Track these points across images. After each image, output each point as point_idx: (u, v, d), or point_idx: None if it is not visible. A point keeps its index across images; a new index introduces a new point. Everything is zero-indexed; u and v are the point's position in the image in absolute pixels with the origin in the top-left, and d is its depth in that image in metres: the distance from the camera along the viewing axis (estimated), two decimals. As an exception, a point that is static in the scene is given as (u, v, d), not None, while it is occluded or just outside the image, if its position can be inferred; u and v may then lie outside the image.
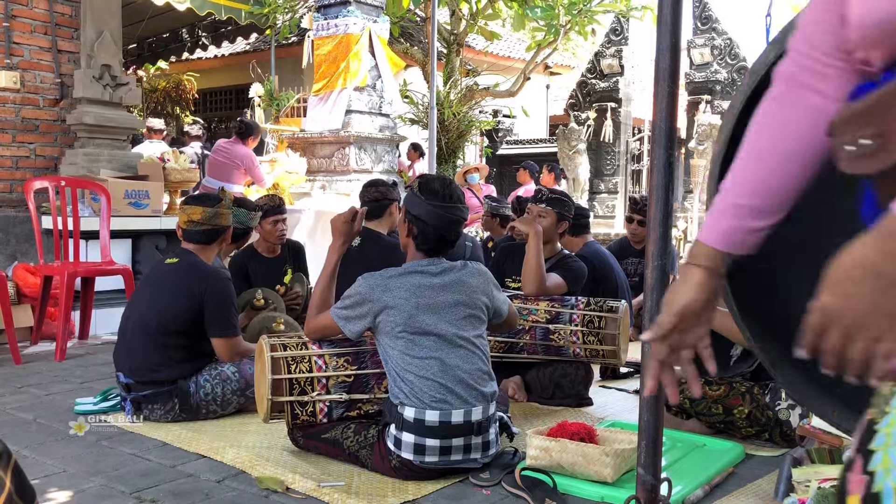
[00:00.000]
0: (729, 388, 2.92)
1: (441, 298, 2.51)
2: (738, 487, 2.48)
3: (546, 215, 3.71)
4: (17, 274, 4.85)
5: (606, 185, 11.94)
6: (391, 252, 3.84)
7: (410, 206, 2.59)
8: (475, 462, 2.49)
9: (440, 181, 2.63)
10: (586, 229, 4.71)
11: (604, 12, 11.38)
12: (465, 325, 2.53)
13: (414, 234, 2.59)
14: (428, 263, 2.58)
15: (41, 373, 4.00)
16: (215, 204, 3.34)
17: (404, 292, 2.48)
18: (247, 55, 14.18)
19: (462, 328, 2.51)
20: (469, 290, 2.56)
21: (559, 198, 3.78)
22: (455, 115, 10.93)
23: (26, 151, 5.67)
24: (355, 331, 2.55)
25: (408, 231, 2.61)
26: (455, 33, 11.80)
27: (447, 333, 2.47)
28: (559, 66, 17.18)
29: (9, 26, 5.47)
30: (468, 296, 2.55)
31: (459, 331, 2.50)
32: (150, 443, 2.86)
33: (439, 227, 2.56)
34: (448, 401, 2.41)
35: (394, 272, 2.56)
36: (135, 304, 3.32)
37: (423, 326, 2.46)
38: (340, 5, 7.67)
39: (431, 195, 2.56)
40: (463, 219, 2.64)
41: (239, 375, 3.17)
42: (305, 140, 7.85)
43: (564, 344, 3.40)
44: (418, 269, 2.56)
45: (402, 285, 2.50)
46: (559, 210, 3.73)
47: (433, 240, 2.58)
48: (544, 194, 3.76)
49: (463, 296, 2.54)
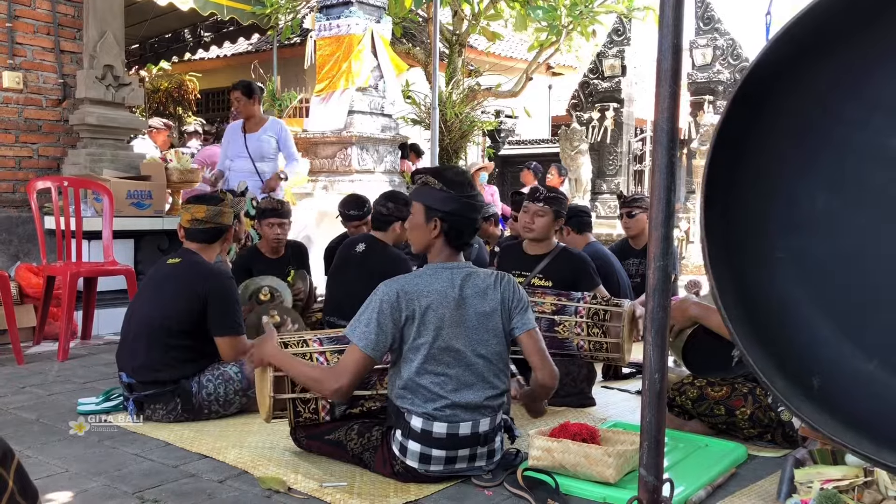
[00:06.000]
0: (731, 389, 2.91)
1: (464, 311, 2.41)
2: (740, 488, 2.48)
3: (544, 214, 3.73)
4: (20, 274, 4.86)
5: (608, 186, 11.93)
6: (395, 263, 3.85)
7: (435, 203, 2.44)
8: (480, 470, 2.48)
9: (454, 171, 2.54)
10: (588, 227, 4.71)
11: (606, 13, 11.38)
12: (486, 339, 2.44)
13: (446, 231, 2.45)
14: (454, 266, 2.47)
15: (44, 373, 4.01)
16: (218, 202, 3.35)
17: (430, 300, 2.38)
18: (249, 55, 14.19)
19: (482, 343, 2.43)
20: (494, 304, 2.46)
21: (556, 196, 3.78)
22: (457, 116, 10.94)
23: (29, 152, 5.68)
24: (385, 351, 2.40)
25: (438, 231, 2.45)
26: (457, 34, 11.81)
27: (466, 350, 2.40)
28: (561, 66, 17.18)
29: (11, 27, 5.48)
30: (492, 309, 2.46)
31: (479, 346, 2.42)
32: (152, 443, 2.86)
33: (473, 219, 2.47)
34: (458, 415, 2.38)
35: (418, 278, 2.44)
36: (137, 304, 3.33)
37: (445, 341, 2.37)
38: (343, 6, 7.68)
39: (458, 187, 2.45)
40: (484, 204, 2.59)
41: (241, 375, 3.17)
42: (308, 140, 7.86)
43: (568, 336, 3.41)
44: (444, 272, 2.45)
45: (430, 292, 2.39)
46: (556, 208, 3.75)
47: (468, 233, 2.48)
48: (542, 193, 3.76)
49: (487, 308, 2.45)
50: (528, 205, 3.80)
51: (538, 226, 3.74)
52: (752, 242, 1.36)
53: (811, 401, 1.28)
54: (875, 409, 1.25)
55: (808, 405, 1.28)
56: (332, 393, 2.40)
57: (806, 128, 1.30)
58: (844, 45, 1.24)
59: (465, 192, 2.46)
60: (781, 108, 1.30)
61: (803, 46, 1.23)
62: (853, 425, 1.24)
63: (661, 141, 1.52)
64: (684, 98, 10.51)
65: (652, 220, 1.54)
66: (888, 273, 1.26)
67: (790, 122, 1.31)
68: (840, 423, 1.24)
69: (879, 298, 1.27)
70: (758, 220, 1.36)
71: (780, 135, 1.32)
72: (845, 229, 1.29)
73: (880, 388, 1.24)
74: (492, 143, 14.79)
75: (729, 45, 11.48)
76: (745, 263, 1.26)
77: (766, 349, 1.32)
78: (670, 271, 1.68)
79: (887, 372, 1.24)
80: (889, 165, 1.24)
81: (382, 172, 7.75)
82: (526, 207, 3.81)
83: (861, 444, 1.22)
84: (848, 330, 1.28)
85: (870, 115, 1.25)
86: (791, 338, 1.33)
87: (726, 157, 1.28)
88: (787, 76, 1.27)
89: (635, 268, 5.07)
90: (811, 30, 1.20)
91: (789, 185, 1.32)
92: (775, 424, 2.83)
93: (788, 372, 1.31)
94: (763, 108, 1.30)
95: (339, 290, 4.07)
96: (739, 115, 1.27)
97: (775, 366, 1.31)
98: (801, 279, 1.32)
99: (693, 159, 10.96)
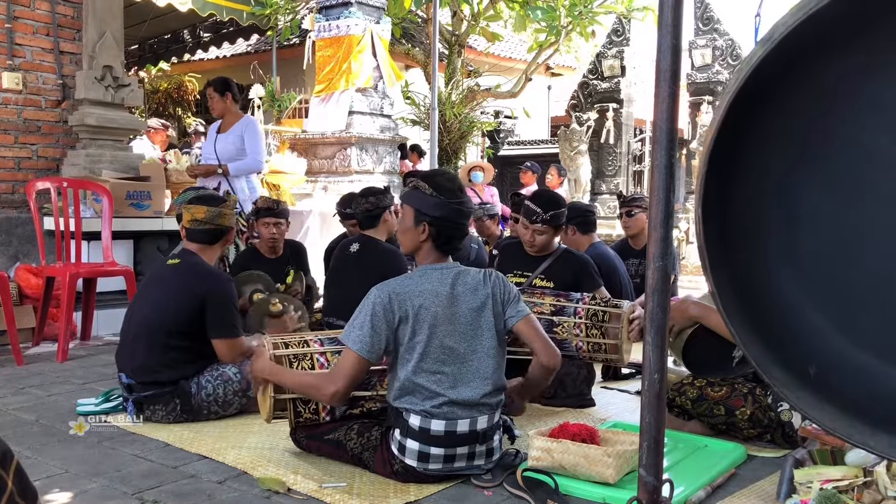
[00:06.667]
0: (731, 389, 2.91)
1: (456, 308, 2.43)
2: (739, 488, 2.48)
3: (544, 232, 3.71)
4: (19, 275, 4.86)
5: (608, 186, 11.93)
6: (389, 259, 3.85)
7: (425, 207, 2.47)
8: (479, 469, 2.48)
9: (445, 176, 2.55)
10: (593, 227, 4.69)
11: (605, 13, 11.38)
12: (480, 335, 2.46)
13: (434, 235, 2.49)
14: (443, 267, 2.50)
15: (43, 374, 4.01)
16: (219, 204, 3.35)
17: (422, 300, 2.41)
18: (248, 56, 14.17)
19: (476, 339, 2.45)
20: (485, 299, 2.48)
21: (553, 213, 3.70)
22: (457, 116, 10.94)
23: (28, 152, 5.67)
24: (380, 353, 2.42)
25: (426, 235, 2.49)
26: (456, 34, 11.81)
27: (460, 346, 2.42)
28: (560, 67, 17.18)
29: (11, 27, 5.48)
30: (483, 304, 2.48)
31: (473, 342, 2.44)
32: (151, 444, 2.86)
33: (461, 224, 2.50)
34: (455, 412, 2.39)
35: (409, 279, 2.48)
36: (136, 305, 3.33)
37: (440, 338, 2.40)
38: (342, 6, 7.68)
39: (447, 192, 2.47)
40: (472, 210, 2.60)
41: (240, 376, 3.17)
42: (307, 141, 7.86)
43: (567, 337, 3.40)
44: (433, 272, 2.48)
45: (421, 292, 2.42)
46: (556, 224, 3.72)
47: (456, 237, 2.51)
48: (538, 216, 3.69)
49: (478, 303, 2.47)
50: (525, 227, 3.76)
51: (539, 242, 3.74)
52: (749, 240, 1.37)
53: (808, 388, 1.33)
54: (868, 393, 1.31)
55: (806, 394, 1.33)
56: (330, 397, 2.42)
57: (803, 128, 1.31)
58: (843, 47, 1.25)
59: (455, 198, 2.48)
60: (779, 109, 1.31)
61: (803, 48, 1.23)
62: (848, 411, 1.30)
63: (661, 141, 1.52)
64: (683, 98, 10.51)
65: (651, 221, 1.54)
66: (882, 269, 1.30)
67: (788, 122, 1.32)
68: (836, 409, 1.31)
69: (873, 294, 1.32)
70: (756, 219, 1.37)
71: (777, 135, 1.33)
72: (841, 227, 1.31)
73: (872, 375, 1.30)
74: (491, 144, 14.79)
75: (728, 45, 11.48)
76: (742, 260, 1.27)
77: (764, 342, 1.35)
78: (670, 271, 1.68)
79: (880, 360, 1.30)
80: (884, 165, 1.26)
81: (382, 173, 7.75)
82: (525, 224, 3.78)
83: (855, 427, 1.28)
84: (842, 322, 1.33)
85: (868, 116, 1.26)
86: (788, 330, 1.37)
87: (724, 156, 1.29)
88: (787, 77, 1.28)
89: (635, 268, 5.06)
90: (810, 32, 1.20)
91: (786, 184, 1.34)
92: (775, 425, 2.83)
93: (786, 363, 1.34)
94: (760, 108, 1.31)
95: (337, 292, 4.07)
96: (737, 115, 1.27)
97: (773, 358, 1.34)
98: (798, 275, 1.35)
99: (692, 160, 10.96)
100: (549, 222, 3.69)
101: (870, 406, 1.29)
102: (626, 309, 3.42)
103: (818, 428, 2.54)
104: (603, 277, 3.91)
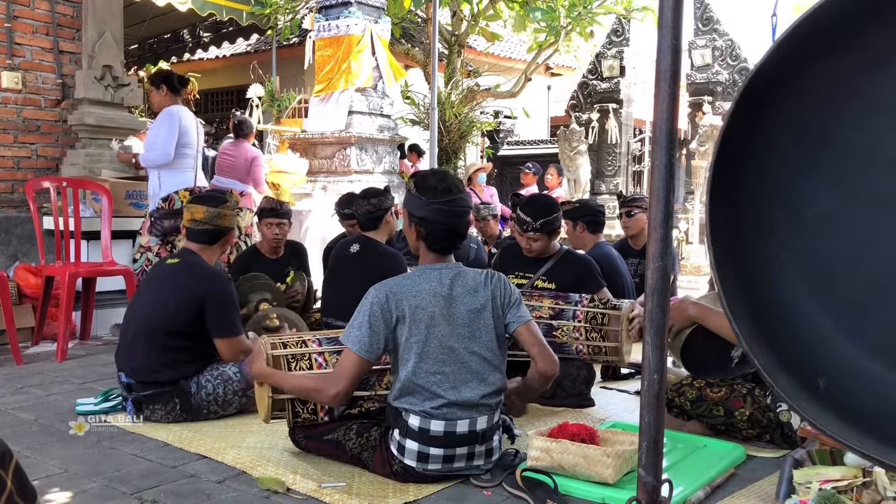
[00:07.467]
0: (730, 390, 2.91)
1: (454, 309, 2.43)
2: (739, 489, 2.48)
3: (539, 239, 3.71)
4: (19, 274, 4.86)
5: (607, 186, 11.93)
6: (389, 261, 3.84)
7: (412, 208, 2.48)
8: (478, 469, 2.48)
9: (435, 176, 2.53)
10: (601, 227, 4.67)
11: (605, 13, 11.38)
12: (478, 336, 2.45)
13: (423, 236, 2.48)
14: (442, 267, 2.49)
15: (42, 373, 4.00)
16: (219, 204, 3.34)
17: (419, 300, 2.41)
18: (248, 56, 14.16)
19: (475, 340, 2.44)
20: (484, 301, 2.47)
21: (546, 220, 3.68)
22: (456, 116, 10.94)
23: (28, 152, 5.67)
24: (379, 353, 2.43)
25: (417, 235, 2.49)
26: (456, 34, 11.81)
27: (459, 347, 2.41)
28: (560, 67, 17.18)
29: (10, 27, 5.48)
30: (483, 306, 2.47)
31: (471, 343, 2.43)
32: (151, 443, 2.86)
33: (447, 224, 2.46)
34: (455, 413, 2.39)
35: (406, 279, 2.48)
36: (136, 304, 3.33)
37: (438, 339, 2.39)
38: (342, 6, 7.67)
39: (430, 193, 2.46)
40: (469, 207, 2.54)
41: (240, 376, 3.17)
42: (307, 141, 7.86)
43: (567, 340, 3.40)
44: (432, 272, 2.47)
45: (419, 292, 2.42)
46: (550, 230, 3.72)
47: (445, 238, 2.48)
48: (530, 225, 3.67)
49: (477, 305, 2.46)
50: (519, 236, 3.76)
51: (536, 248, 3.74)
52: (756, 242, 1.36)
53: (816, 400, 1.28)
54: (880, 408, 1.25)
55: (813, 404, 1.28)
56: (332, 398, 2.43)
57: (809, 129, 1.31)
58: (844, 47, 1.24)
59: (437, 198, 2.44)
60: (784, 110, 1.31)
61: (807, 48, 1.23)
62: (858, 425, 1.24)
63: (661, 141, 1.52)
64: (683, 99, 10.52)
65: (651, 221, 1.54)
66: (891, 273, 1.26)
67: (793, 123, 1.31)
68: (845, 422, 1.25)
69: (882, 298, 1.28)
70: (762, 220, 1.36)
71: (783, 136, 1.32)
72: (848, 229, 1.29)
73: (884, 388, 1.24)
74: (490, 144, 14.79)
75: (728, 45, 11.49)
76: (749, 263, 1.26)
77: (769, 347, 1.32)
78: (669, 271, 1.68)
79: (891, 371, 1.24)
80: (890, 166, 1.25)
81: (381, 173, 7.75)
82: (518, 232, 3.77)
83: (866, 443, 1.22)
84: (851, 329, 1.29)
85: (872, 116, 1.26)
86: (794, 336, 1.34)
87: (730, 158, 1.29)
88: (791, 78, 1.28)
89: (634, 268, 5.06)
90: (814, 32, 1.20)
91: (793, 185, 1.33)
92: (774, 425, 2.83)
93: (792, 370, 1.31)
94: (766, 109, 1.30)
95: (336, 292, 4.06)
96: (744, 116, 1.27)
97: (778, 363, 1.32)
98: (805, 279, 1.33)
99: (692, 160, 10.95)
100: (541, 230, 3.68)
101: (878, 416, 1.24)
102: (626, 308, 3.42)
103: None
104: (606, 278, 3.91)
